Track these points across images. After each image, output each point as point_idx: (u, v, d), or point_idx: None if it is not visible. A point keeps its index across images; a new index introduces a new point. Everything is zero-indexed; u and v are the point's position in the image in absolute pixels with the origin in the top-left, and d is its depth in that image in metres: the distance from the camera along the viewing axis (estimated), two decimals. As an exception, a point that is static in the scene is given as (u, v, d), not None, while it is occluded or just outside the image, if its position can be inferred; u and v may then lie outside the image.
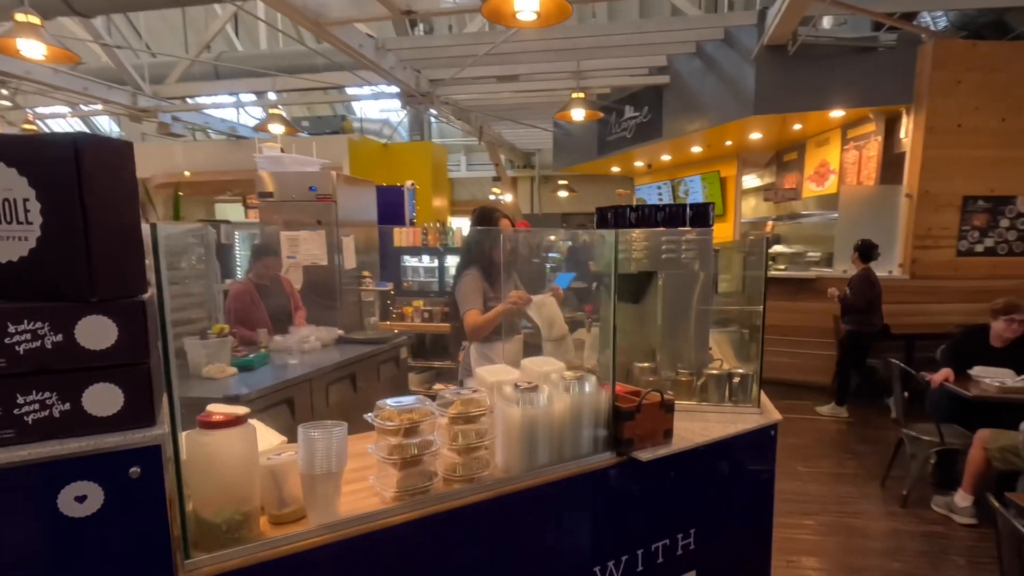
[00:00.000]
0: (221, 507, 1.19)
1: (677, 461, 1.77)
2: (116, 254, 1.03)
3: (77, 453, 0.98)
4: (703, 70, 7.04)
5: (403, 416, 1.41)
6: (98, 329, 1.01)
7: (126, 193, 1.05)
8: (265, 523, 1.30)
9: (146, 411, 1.06)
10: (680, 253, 2.25)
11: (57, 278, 0.99)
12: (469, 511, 1.46)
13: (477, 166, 13.48)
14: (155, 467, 1.04)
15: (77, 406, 1.00)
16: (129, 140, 1.05)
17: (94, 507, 1.00)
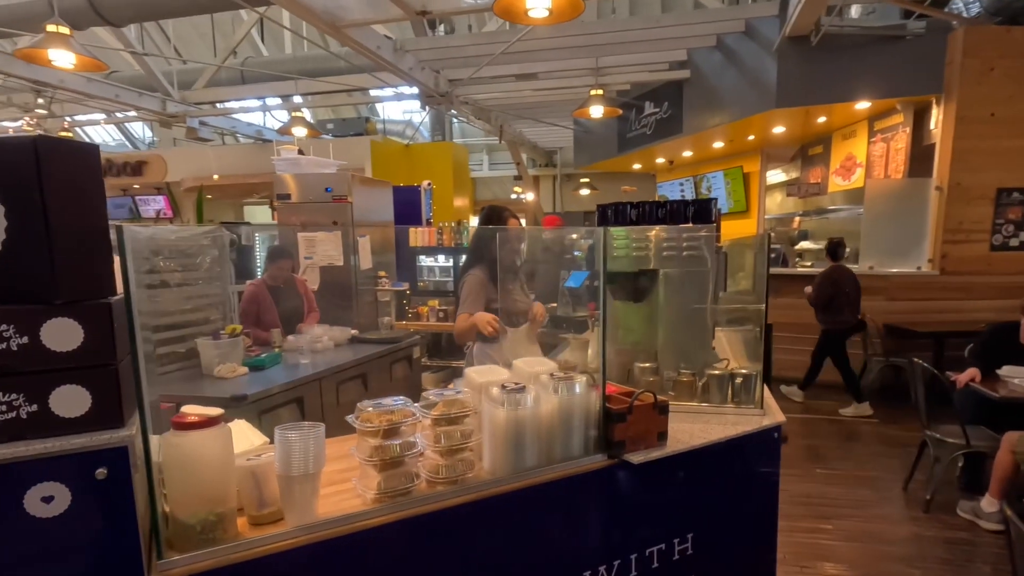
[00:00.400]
0: (195, 508, 1.19)
1: (672, 464, 1.73)
2: (81, 256, 1.03)
3: (43, 454, 0.99)
4: (724, 63, 6.91)
5: (382, 417, 1.40)
6: (64, 331, 1.02)
7: (91, 196, 1.05)
8: (245, 524, 1.31)
9: (114, 412, 1.07)
10: (681, 251, 2.19)
11: (23, 281, 1.01)
12: (452, 513, 1.44)
13: (499, 165, 13.47)
14: (122, 468, 1.05)
15: (44, 407, 1.02)
16: (95, 144, 1.05)
17: (61, 508, 1.01)
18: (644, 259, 2.24)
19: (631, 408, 1.66)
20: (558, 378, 1.65)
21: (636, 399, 1.68)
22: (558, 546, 1.61)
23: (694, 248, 2.18)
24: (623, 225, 2.30)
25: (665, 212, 2.27)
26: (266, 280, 4.21)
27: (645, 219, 2.29)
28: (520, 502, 1.54)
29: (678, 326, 2.23)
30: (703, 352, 2.22)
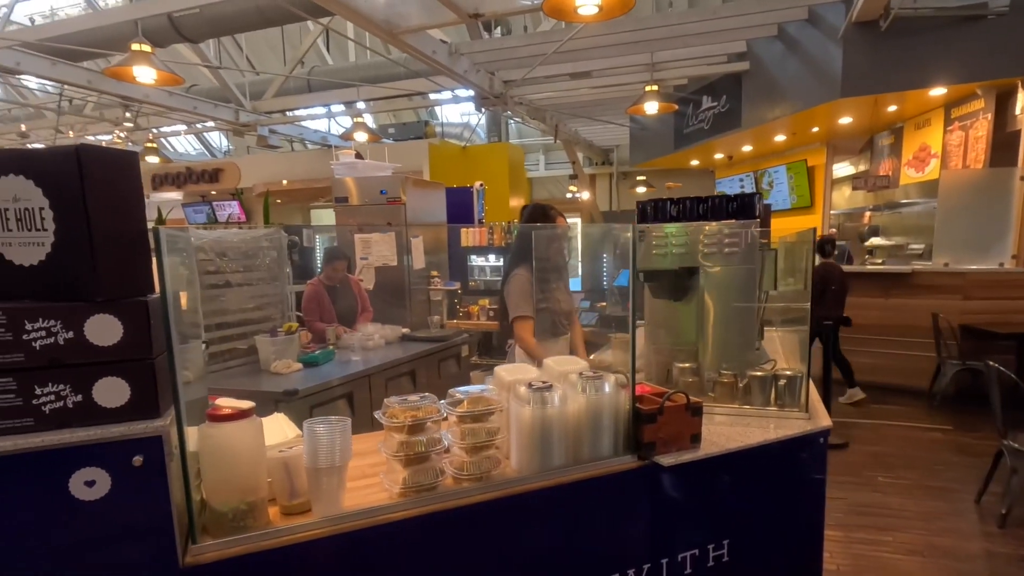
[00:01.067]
0: (227, 496, 1.25)
1: (706, 467, 1.68)
2: (120, 257, 1.11)
3: (86, 441, 1.07)
4: (785, 53, 6.64)
5: (407, 414, 1.43)
6: (105, 327, 1.09)
7: (130, 200, 1.13)
8: (276, 513, 1.37)
9: (151, 404, 1.14)
10: (723, 247, 2.13)
11: (70, 280, 1.09)
12: (477, 510, 1.45)
13: (555, 165, 13.44)
14: (157, 456, 1.12)
15: (88, 398, 1.10)
16: (133, 151, 1.13)
17: (102, 491, 1.09)
18: (685, 256, 2.19)
19: (662, 409, 1.63)
20: (586, 377, 1.64)
21: (667, 399, 1.65)
22: (585, 547, 1.59)
23: (737, 244, 2.11)
24: (662, 222, 2.26)
25: (707, 208, 2.21)
26: (323, 280, 4.39)
27: (686, 215, 2.23)
28: (546, 501, 1.53)
29: (720, 325, 2.16)
30: (747, 352, 2.14)
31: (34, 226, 1.08)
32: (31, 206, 1.08)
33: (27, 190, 1.07)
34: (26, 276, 1.10)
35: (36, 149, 1.08)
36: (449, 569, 1.44)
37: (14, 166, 1.07)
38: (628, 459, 1.64)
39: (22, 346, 1.05)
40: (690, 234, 2.17)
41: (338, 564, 1.32)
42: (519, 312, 2.72)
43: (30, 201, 1.08)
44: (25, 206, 1.08)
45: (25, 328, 1.05)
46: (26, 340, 1.05)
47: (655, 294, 2.34)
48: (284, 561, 1.26)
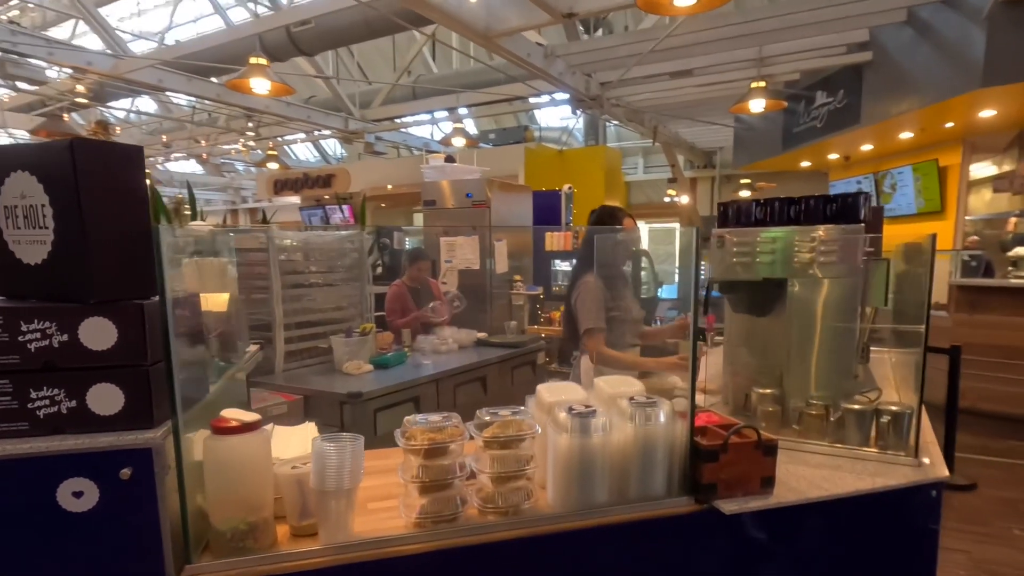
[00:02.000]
0: (228, 515, 1.18)
1: (779, 518, 1.41)
2: (117, 257, 1.06)
3: (73, 450, 1.03)
4: (915, 40, 5.91)
5: (426, 435, 1.30)
6: (99, 330, 1.05)
7: (130, 196, 1.08)
8: (286, 533, 1.28)
9: (145, 413, 1.08)
10: (819, 256, 1.83)
11: (67, 280, 1.05)
12: (501, 548, 1.30)
13: (654, 168, 12.95)
14: (147, 469, 1.06)
15: (82, 404, 1.05)
16: (139, 145, 1.08)
17: (90, 504, 1.04)
18: (771, 266, 1.90)
19: (725, 445, 1.38)
20: (637, 403, 1.43)
21: (733, 434, 1.40)
22: (630, 599, 1.38)
23: (834, 253, 1.80)
24: (746, 226, 1.98)
25: (799, 210, 1.91)
26: (406, 281, 4.42)
27: (774, 219, 1.94)
28: (583, 544, 1.35)
29: (811, 347, 1.86)
30: (843, 380, 1.82)
31: (38, 223, 1.06)
32: (35, 203, 1.06)
33: (32, 186, 1.05)
34: (32, 275, 1.09)
35: (37, 143, 1.05)
36: (467, 613, 1.29)
37: (21, 161, 1.06)
38: (684, 501, 1.41)
39: (18, 348, 1.02)
40: (778, 241, 1.89)
41: (342, 597, 1.21)
42: (590, 323, 2.52)
43: (34, 198, 1.05)
44: (31, 203, 1.06)
45: (21, 329, 1.02)
46: (22, 342, 1.02)
47: (735, 308, 2.06)
48: (283, 589, 1.17)
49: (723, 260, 1.98)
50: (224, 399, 1.45)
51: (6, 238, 1.10)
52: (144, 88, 9.26)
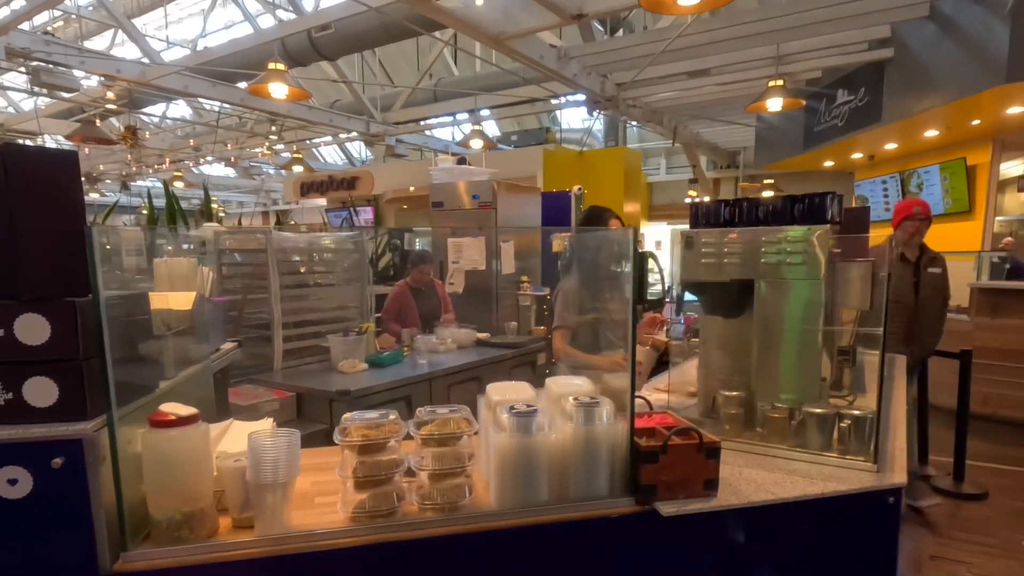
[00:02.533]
0: (163, 505, 1.22)
1: (721, 521, 1.40)
2: (50, 256, 1.11)
3: (7, 440, 1.08)
4: (938, 36, 5.73)
5: (361, 432, 1.32)
6: (33, 326, 1.10)
7: (64, 200, 1.13)
8: (228, 524, 1.32)
9: (79, 406, 1.13)
10: (785, 257, 1.80)
11: (5, 278, 1.11)
12: (437, 543, 1.31)
13: (677, 169, 12.81)
14: (78, 459, 1.11)
15: (19, 396, 1.11)
16: (73, 150, 1.13)
17: (24, 491, 1.09)
18: (740, 267, 1.88)
19: (665, 447, 1.38)
20: (579, 403, 1.43)
21: (673, 436, 1.39)
22: (568, 599, 1.38)
23: (798, 255, 1.77)
24: (715, 227, 1.96)
25: (766, 211, 1.88)
26: (410, 282, 4.47)
27: (743, 219, 1.92)
28: (521, 541, 1.35)
29: (778, 349, 1.83)
30: (810, 383, 1.79)
31: (-26, 225, 1.11)
32: (-28, 205, 1.11)
33: (-31, 190, 1.10)
34: (-27, 274, 1.14)
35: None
36: (399, 607, 1.31)
37: (-39, 167, 1.11)
38: (625, 502, 1.41)
39: (-45, 342, 1.08)
40: (745, 242, 1.86)
41: (274, 587, 1.24)
42: (558, 321, 2.56)
43: (-30, 201, 1.11)
44: (-30, 205, 1.11)
45: (-40, 324, 1.07)
46: (-39, 336, 1.08)
47: (706, 309, 2.04)
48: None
49: (692, 261, 1.97)
50: (184, 394, 1.50)
51: (-48, 238, 1.16)
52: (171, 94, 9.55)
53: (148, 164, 14.93)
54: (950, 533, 3.20)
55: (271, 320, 3.40)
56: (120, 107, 9.64)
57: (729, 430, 1.82)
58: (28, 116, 10.80)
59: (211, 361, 1.85)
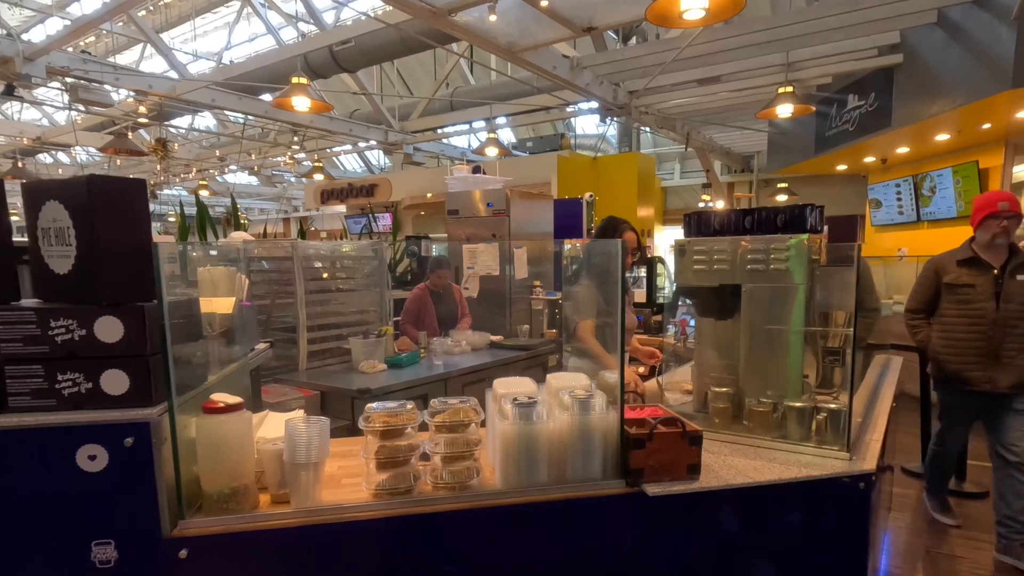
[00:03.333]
0: (214, 480, 1.42)
1: (702, 501, 1.56)
2: (124, 268, 1.32)
3: (89, 422, 1.29)
4: (946, 41, 5.81)
5: (383, 419, 1.51)
6: (110, 327, 1.31)
7: (134, 220, 1.34)
8: (268, 500, 1.52)
9: (146, 394, 1.33)
10: (768, 264, 1.96)
11: (86, 287, 1.32)
12: (448, 518, 1.49)
13: (691, 173, 12.90)
14: (144, 439, 1.31)
15: (97, 385, 1.31)
16: (141, 179, 1.33)
17: (101, 465, 1.29)
18: (728, 273, 2.04)
19: (651, 434, 1.54)
20: (575, 397, 1.60)
21: (658, 425, 1.56)
22: (565, 569, 1.56)
23: (782, 261, 1.93)
24: (705, 235, 2.12)
25: (752, 221, 2.04)
26: (428, 286, 4.68)
27: (730, 229, 2.08)
28: (523, 517, 1.53)
29: (763, 349, 1.98)
30: (791, 380, 1.94)
31: (64, 242, 1.33)
32: (62, 225, 1.32)
33: (60, 212, 1.32)
34: (61, 282, 1.35)
35: (65, 179, 1.32)
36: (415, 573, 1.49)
37: (53, 194, 1.33)
38: (616, 484, 1.58)
39: (47, 340, 1.29)
40: (732, 250, 2.02)
41: (306, 553, 1.43)
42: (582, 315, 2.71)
43: (62, 221, 1.32)
44: (59, 225, 1.33)
45: (50, 325, 1.29)
46: (51, 335, 1.29)
47: (699, 312, 2.21)
48: (258, 543, 1.40)
49: (685, 268, 2.13)
50: (227, 388, 1.70)
51: (42, 253, 1.37)
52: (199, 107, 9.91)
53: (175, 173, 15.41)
54: (947, 528, 3.30)
55: (296, 323, 3.62)
56: (150, 120, 10.03)
57: (718, 423, 1.98)
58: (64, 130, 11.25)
59: (248, 359, 2.06)
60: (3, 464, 1.27)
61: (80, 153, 16.17)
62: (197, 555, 1.36)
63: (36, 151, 14.93)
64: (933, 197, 7.52)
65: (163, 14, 14.65)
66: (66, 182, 1.32)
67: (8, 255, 1.35)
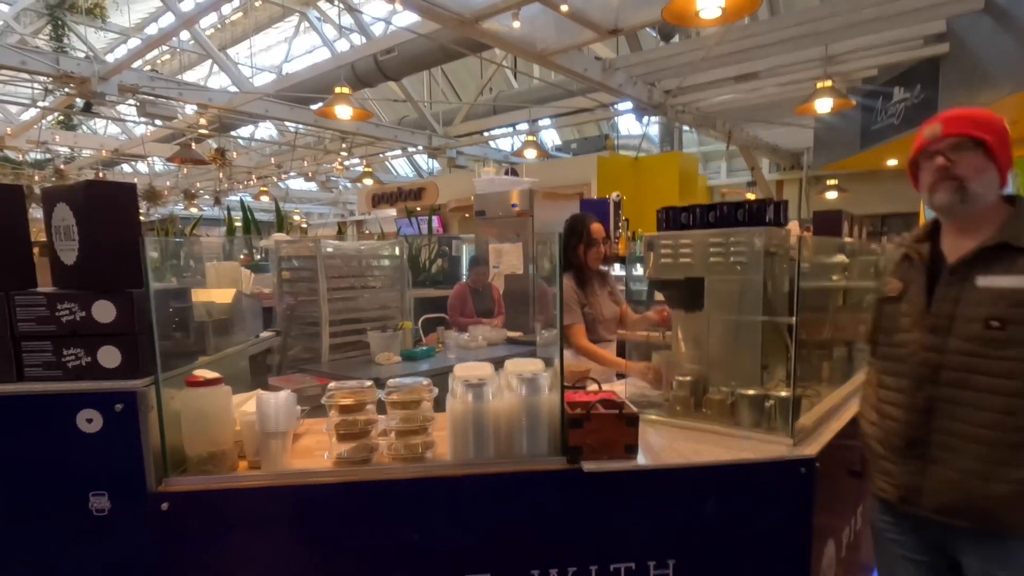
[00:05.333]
0: (194, 445, 1.63)
1: (638, 479, 1.65)
2: (117, 260, 1.54)
3: (87, 391, 1.51)
4: (994, 29, 5.56)
5: (341, 396, 1.68)
6: (105, 309, 1.53)
7: (126, 221, 1.56)
8: (246, 465, 1.71)
9: (133, 367, 1.55)
10: (728, 257, 2.02)
11: (88, 275, 1.55)
12: (400, 486, 1.64)
13: (737, 172, 12.65)
14: (132, 407, 1.52)
15: (95, 360, 1.54)
16: (132, 183, 1.56)
17: (97, 427, 1.52)
18: (693, 266, 2.11)
19: (588, 415, 1.65)
20: (522, 378, 1.73)
21: (596, 407, 1.66)
22: (509, 538, 1.68)
23: (741, 254, 1.99)
24: (674, 230, 2.20)
25: (716, 216, 2.10)
26: (469, 283, 4.93)
27: (696, 223, 2.14)
28: (468, 487, 1.66)
29: (724, 340, 2.05)
30: (750, 370, 2.00)
31: (70, 237, 1.56)
32: (68, 224, 1.56)
33: (67, 213, 1.56)
34: (69, 271, 1.59)
35: (70, 184, 1.55)
36: (369, 536, 1.65)
37: (62, 197, 1.56)
38: (558, 461, 1.69)
39: (55, 321, 1.52)
40: (696, 244, 2.10)
41: (274, 511, 1.62)
42: (567, 320, 2.82)
43: (68, 220, 1.56)
44: (67, 224, 1.57)
45: (57, 308, 1.52)
46: (57, 316, 1.52)
47: (670, 304, 2.29)
48: (230, 501, 1.60)
49: (655, 262, 2.22)
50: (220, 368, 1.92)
51: (55, 247, 1.61)
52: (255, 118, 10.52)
53: (238, 180, 16.31)
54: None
55: (319, 318, 3.88)
56: (212, 131, 10.71)
57: (680, 411, 2.06)
58: (137, 142, 12.12)
59: (248, 344, 2.29)
60: (20, 423, 1.51)
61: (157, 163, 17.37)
62: (177, 508, 1.56)
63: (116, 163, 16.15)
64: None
65: (229, 32, 15.56)
66: (71, 187, 1.55)
67: (26, 249, 1.59)
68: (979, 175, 1.44)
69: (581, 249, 2.86)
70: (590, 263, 2.85)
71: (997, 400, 1.34)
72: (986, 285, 1.38)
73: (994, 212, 1.46)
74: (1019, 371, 1.32)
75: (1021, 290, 1.33)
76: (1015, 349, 1.32)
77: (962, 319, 1.40)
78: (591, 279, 2.90)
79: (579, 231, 2.88)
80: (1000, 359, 1.33)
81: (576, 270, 2.88)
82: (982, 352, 1.36)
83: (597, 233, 2.87)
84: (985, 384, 1.35)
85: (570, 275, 2.87)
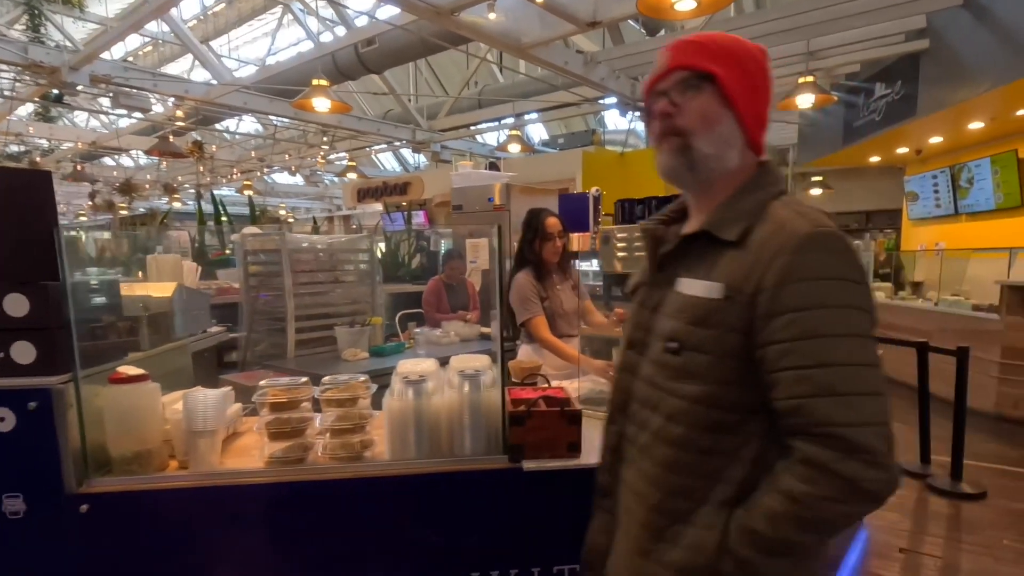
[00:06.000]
0: (117, 444, 1.56)
1: (579, 478, 1.59)
2: (29, 251, 1.46)
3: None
4: (973, 24, 5.54)
5: (273, 393, 1.62)
6: (17, 303, 1.45)
7: (39, 209, 1.48)
8: (176, 464, 1.65)
9: (50, 363, 1.48)
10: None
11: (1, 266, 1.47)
12: (335, 485, 1.58)
13: (723, 167, 12.60)
14: (47, 405, 1.45)
15: (8, 355, 1.46)
16: (46, 171, 1.48)
17: (9, 427, 1.44)
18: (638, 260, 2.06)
19: (529, 412, 1.60)
20: (464, 375, 1.67)
21: (539, 403, 1.61)
22: (450, 539, 1.62)
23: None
24: (629, 223, 2.14)
25: (643, 210, 2.05)
26: (443, 278, 4.86)
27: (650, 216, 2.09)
28: (407, 487, 1.61)
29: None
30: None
31: (-18, 229, 1.48)
32: (-21, 214, 1.48)
33: (-23, 202, 1.47)
34: (-16, 264, 1.51)
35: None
36: (304, 538, 1.59)
37: (-27, 185, 1.48)
38: (500, 459, 1.63)
39: (-36, 314, 1.44)
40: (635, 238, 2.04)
41: (201, 513, 1.55)
42: (529, 312, 2.78)
43: (-22, 210, 1.48)
44: (-22, 214, 1.48)
45: (-34, 301, 1.44)
46: (-34, 310, 1.44)
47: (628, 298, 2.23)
48: (154, 502, 1.53)
49: (609, 256, 2.16)
50: (156, 365, 1.85)
51: (-29, 238, 1.53)
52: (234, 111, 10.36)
53: (222, 174, 16.12)
54: (928, 528, 3.18)
55: (284, 313, 3.80)
56: (191, 124, 10.55)
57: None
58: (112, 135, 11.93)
59: (191, 340, 2.21)
60: (-73, 424, 1.43)
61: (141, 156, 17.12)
62: (98, 510, 1.49)
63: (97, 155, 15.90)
64: (971, 189, 7.16)
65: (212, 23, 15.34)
66: (-21, 175, 1.47)
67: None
68: (708, 128, 0.96)
69: (537, 243, 2.81)
70: (547, 256, 2.80)
71: (661, 450, 0.96)
72: (679, 290, 0.98)
73: (736, 183, 0.99)
74: (687, 413, 0.92)
75: (705, 302, 0.91)
76: (689, 383, 0.92)
77: (655, 334, 1.00)
78: (550, 272, 2.84)
79: (534, 225, 2.83)
80: (671, 394, 0.94)
81: (534, 264, 2.83)
82: (658, 382, 0.97)
83: (552, 227, 2.81)
84: (657, 426, 0.97)
85: (529, 269, 2.81)
